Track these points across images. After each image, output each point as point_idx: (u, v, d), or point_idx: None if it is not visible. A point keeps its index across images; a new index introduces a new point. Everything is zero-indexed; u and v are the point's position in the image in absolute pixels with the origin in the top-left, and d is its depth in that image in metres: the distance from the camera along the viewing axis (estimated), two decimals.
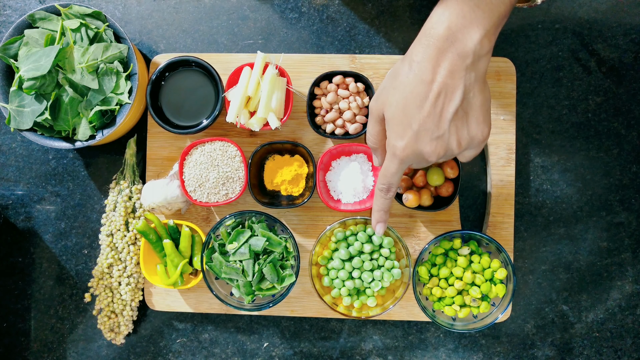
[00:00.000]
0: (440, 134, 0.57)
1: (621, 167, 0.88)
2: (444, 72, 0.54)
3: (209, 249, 0.83)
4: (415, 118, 0.56)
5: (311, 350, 0.89)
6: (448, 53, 0.54)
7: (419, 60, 0.55)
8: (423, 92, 0.55)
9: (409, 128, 0.57)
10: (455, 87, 0.55)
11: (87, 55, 0.79)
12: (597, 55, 0.88)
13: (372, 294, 0.83)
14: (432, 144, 0.57)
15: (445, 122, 0.56)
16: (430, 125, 0.56)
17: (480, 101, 0.57)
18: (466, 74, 0.55)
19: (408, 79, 0.56)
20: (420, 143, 0.57)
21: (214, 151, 0.84)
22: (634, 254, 0.88)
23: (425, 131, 0.56)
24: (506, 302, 0.82)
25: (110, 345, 0.91)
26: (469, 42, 0.54)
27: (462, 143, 0.58)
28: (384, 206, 0.68)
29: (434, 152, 0.58)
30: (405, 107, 0.57)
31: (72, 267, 0.91)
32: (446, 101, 0.55)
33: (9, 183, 0.91)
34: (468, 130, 0.58)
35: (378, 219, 0.70)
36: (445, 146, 0.58)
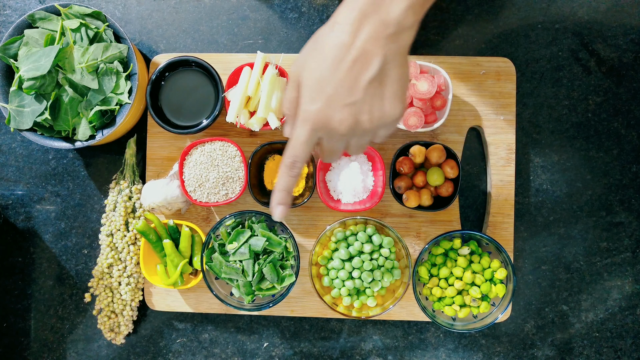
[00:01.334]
0: (353, 101, 0.54)
1: (621, 167, 0.88)
2: (365, 36, 0.52)
3: (209, 249, 0.83)
4: (329, 81, 0.54)
5: (311, 350, 0.89)
6: (371, 18, 0.52)
7: (341, 22, 0.53)
8: (340, 55, 0.53)
9: (322, 92, 0.54)
10: (374, 54, 0.53)
11: (87, 55, 0.79)
12: (597, 55, 0.88)
13: (372, 294, 0.83)
14: (343, 110, 0.54)
15: (360, 89, 0.53)
16: (344, 90, 0.53)
17: (397, 75, 0.54)
18: (387, 43, 0.53)
19: (327, 40, 0.54)
20: (331, 108, 0.54)
21: (214, 151, 0.84)
22: (634, 254, 0.88)
23: (338, 95, 0.54)
24: (506, 302, 0.82)
25: (110, 345, 0.91)
26: (393, 10, 0.52)
27: (375, 117, 0.55)
28: (288, 185, 0.60)
29: (344, 119, 0.54)
30: (320, 71, 0.54)
31: (72, 267, 0.91)
32: (363, 67, 0.53)
33: (9, 183, 0.91)
34: (382, 104, 0.55)
35: (279, 201, 0.61)
36: (356, 115, 0.54)
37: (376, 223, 0.83)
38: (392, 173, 0.85)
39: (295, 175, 0.59)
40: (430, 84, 0.80)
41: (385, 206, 0.88)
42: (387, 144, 0.87)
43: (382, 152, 0.87)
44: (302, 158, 0.58)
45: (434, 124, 0.84)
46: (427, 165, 0.85)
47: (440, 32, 0.89)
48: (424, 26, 0.89)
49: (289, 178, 0.59)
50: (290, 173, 0.59)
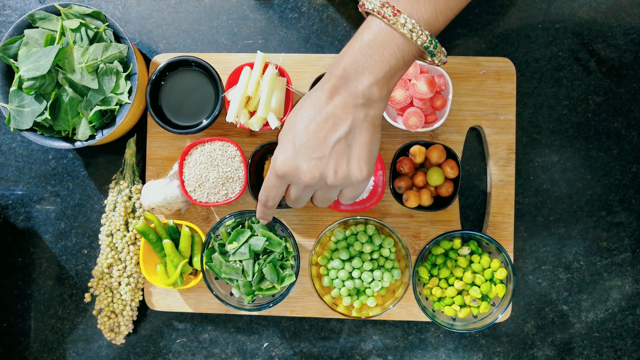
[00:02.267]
0: (319, 155, 0.60)
1: (621, 167, 0.88)
2: (336, 103, 0.60)
3: (209, 249, 0.83)
4: (300, 136, 0.61)
5: (311, 350, 0.89)
6: (342, 90, 0.59)
7: (317, 90, 0.61)
8: (312, 115, 0.60)
9: (292, 144, 0.61)
10: (343, 118, 0.59)
11: (86, 55, 0.79)
12: (597, 55, 0.88)
13: (372, 294, 0.83)
14: (309, 162, 0.60)
15: (327, 146, 0.60)
16: (312, 145, 0.60)
17: (365, 140, 0.61)
18: (355, 110, 0.59)
19: (304, 104, 0.62)
20: (299, 159, 0.61)
21: (214, 151, 0.84)
22: (634, 254, 0.88)
23: (306, 149, 0.60)
24: (506, 302, 0.82)
25: (110, 345, 0.91)
26: (359, 85, 0.59)
27: (339, 174, 0.61)
28: (265, 215, 0.72)
29: (309, 171, 0.61)
30: (294, 126, 0.61)
31: (72, 267, 0.91)
32: (332, 127, 0.60)
33: (9, 183, 0.91)
34: (348, 164, 0.61)
35: (261, 217, 0.74)
36: (322, 169, 0.61)
37: (376, 223, 0.83)
38: (392, 173, 0.85)
39: (270, 207, 0.69)
40: (430, 84, 0.80)
41: (385, 206, 0.88)
42: (387, 144, 0.87)
43: (382, 152, 0.87)
44: (273, 198, 0.67)
45: (434, 124, 0.83)
46: (427, 165, 0.85)
47: (440, 32, 0.88)
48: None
49: (265, 209, 0.70)
50: (266, 207, 0.69)
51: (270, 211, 0.71)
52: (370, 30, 0.59)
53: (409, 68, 0.80)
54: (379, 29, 0.59)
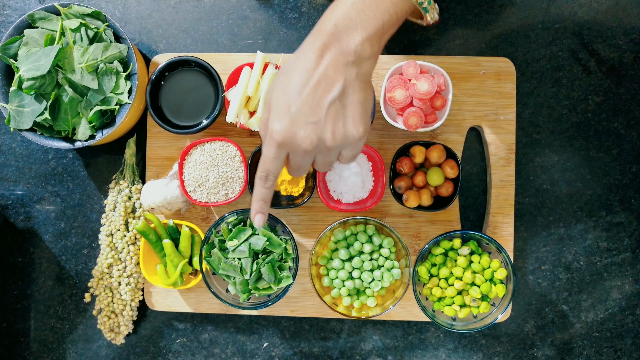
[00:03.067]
0: (315, 120, 0.58)
1: (621, 167, 0.88)
2: (327, 63, 0.58)
3: (209, 244, 0.83)
4: (294, 102, 0.58)
5: (311, 350, 0.89)
6: (332, 47, 0.58)
7: (306, 50, 0.59)
8: (305, 79, 0.58)
9: (287, 112, 0.59)
10: (335, 79, 0.58)
11: (86, 55, 0.79)
12: (597, 55, 0.88)
13: (372, 294, 0.83)
14: (307, 128, 0.58)
15: (322, 109, 0.58)
16: (307, 110, 0.58)
17: (359, 99, 0.60)
18: (347, 69, 0.58)
19: (293, 66, 0.59)
20: (295, 126, 0.59)
21: (214, 151, 0.84)
22: (634, 254, 0.88)
23: (301, 115, 0.58)
24: (506, 302, 0.82)
25: (110, 345, 0.91)
26: (351, 41, 0.57)
27: (337, 135, 0.60)
28: (264, 196, 0.66)
29: (307, 137, 0.59)
30: (286, 92, 0.59)
31: (72, 267, 0.91)
32: (325, 90, 0.58)
33: (9, 183, 0.91)
34: (344, 124, 0.60)
35: (257, 210, 0.67)
36: (319, 133, 0.59)
37: (376, 223, 0.83)
38: (392, 173, 0.85)
39: (270, 186, 0.64)
40: (430, 84, 0.80)
41: (385, 206, 0.88)
42: (387, 144, 0.87)
43: (382, 152, 0.87)
44: (274, 172, 0.63)
45: (434, 124, 0.83)
46: (427, 165, 0.85)
47: (440, 32, 0.89)
48: (424, 26, 0.89)
49: (264, 189, 0.65)
50: (265, 185, 0.64)
51: (269, 192, 0.65)
52: None
53: (409, 68, 0.80)
54: None
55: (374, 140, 0.88)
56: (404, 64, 0.81)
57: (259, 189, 0.65)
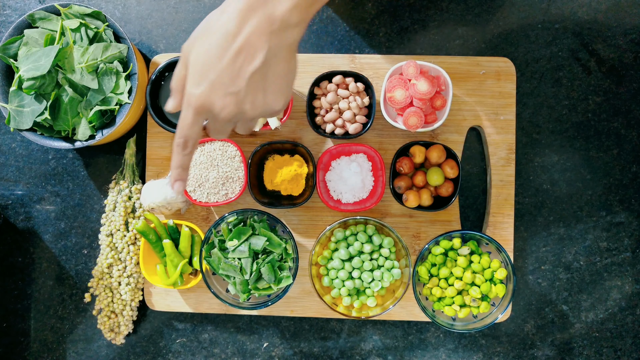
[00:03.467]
0: (235, 90, 0.56)
1: (621, 167, 0.88)
2: (250, 29, 0.54)
3: (209, 244, 0.83)
4: (213, 68, 0.55)
5: (311, 350, 0.89)
6: (258, 12, 0.54)
7: (229, 11, 0.55)
8: (225, 44, 0.55)
9: (206, 77, 0.56)
10: (258, 47, 0.55)
11: (86, 55, 0.79)
12: (597, 55, 0.88)
13: (372, 294, 0.83)
14: (225, 98, 0.56)
15: (243, 80, 0.55)
16: (227, 79, 0.55)
17: (282, 70, 0.57)
18: (271, 37, 0.55)
19: (215, 27, 0.56)
20: (214, 94, 0.56)
21: (214, 151, 0.84)
22: (633, 254, 0.88)
23: (220, 84, 0.56)
24: (506, 302, 0.82)
25: (110, 345, 0.91)
26: (278, 7, 0.54)
27: (256, 106, 0.57)
28: (183, 163, 0.62)
29: (226, 106, 0.56)
30: (206, 56, 0.56)
31: (72, 267, 0.91)
32: (247, 59, 0.55)
33: (9, 183, 0.91)
34: (264, 95, 0.57)
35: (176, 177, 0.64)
36: (238, 104, 0.56)
37: (376, 223, 0.83)
38: (392, 173, 0.85)
39: (189, 153, 0.61)
40: (430, 84, 0.80)
41: (385, 206, 0.88)
42: (387, 144, 0.87)
43: (382, 152, 0.87)
44: (193, 137, 0.59)
45: (434, 124, 0.83)
46: (427, 165, 0.85)
47: (440, 32, 0.89)
48: (424, 26, 0.89)
49: (182, 156, 0.61)
50: (184, 152, 0.61)
51: (188, 159, 0.62)
52: None
53: (409, 68, 0.80)
54: None
55: (374, 140, 0.88)
56: (404, 64, 0.81)
57: (177, 156, 0.61)
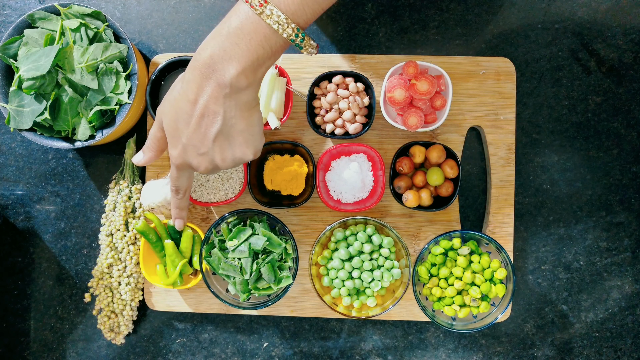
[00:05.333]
0: (204, 151, 0.63)
1: (621, 167, 0.88)
2: (206, 96, 0.60)
3: (209, 244, 0.83)
4: (183, 133, 0.63)
5: (311, 350, 0.89)
6: (210, 80, 0.59)
7: (188, 80, 0.61)
8: (189, 111, 0.61)
9: (179, 141, 0.64)
10: (216, 112, 0.60)
11: (86, 55, 0.79)
12: (597, 55, 0.88)
13: (371, 294, 0.83)
14: (198, 158, 0.64)
15: (209, 141, 0.62)
16: (196, 142, 0.62)
17: (242, 126, 0.62)
18: (225, 102, 0.60)
19: (178, 94, 0.62)
20: (187, 156, 0.64)
21: None
22: (633, 254, 0.88)
23: (192, 146, 0.63)
24: (506, 302, 0.82)
25: (110, 345, 0.91)
26: (226, 74, 0.59)
27: (227, 160, 0.64)
28: (180, 205, 0.75)
29: (200, 164, 0.64)
30: (176, 122, 0.63)
31: (72, 267, 0.91)
32: (209, 123, 0.61)
33: (9, 183, 0.91)
34: (232, 151, 0.63)
35: (176, 216, 0.77)
36: (210, 161, 0.64)
37: (376, 223, 0.83)
38: (392, 173, 0.85)
39: (182, 197, 0.74)
40: (430, 84, 0.80)
41: (385, 206, 0.88)
42: (387, 144, 0.87)
43: (382, 152, 0.87)
44: (183, 186, 0.72)
45: (434, 124, 0.83)
46: (427, 165, 0.85)
47: (440, 32, 0.89)
48: (423, 26, 0.89)
49: (178, 200, 0.74)
50: (177, 197, 0.74)
51: (183, 202, 0.75)
52: (238, 17, 0.58)
53: (409, 68, 0.80)
54: (246, 16, 0.58)
55: (374, 140, 0.88)
56: (404, 64, 0.81)
57: (174, 200, 0.74)
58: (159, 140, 0.69)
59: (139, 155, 0.72)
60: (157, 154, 0.71)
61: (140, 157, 0.72)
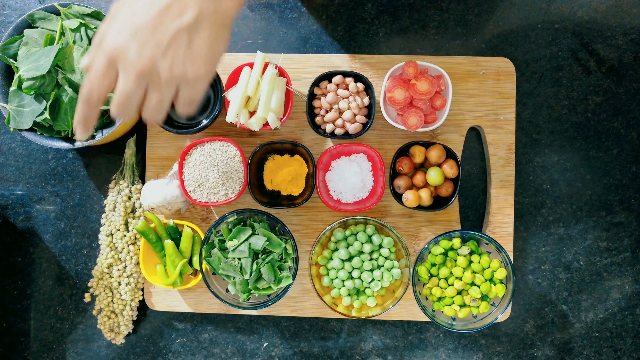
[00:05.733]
0: (156, 42, 0.52)
1: (621, 167, 0.88)
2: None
3: (209, 244, 0.83)
4: (138, 15, 0.52)
5: (311, 350, 0.89)
6: None
7: None
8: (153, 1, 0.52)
9: (128, 23, 0.52)
10: (189, 7, 0.52)
11: None
12: (597, 55, 0.88)
13: (371, 294, 0.83)
14: (144, 46, 0.52)
15: (166, 34, 0.52)
16: (150, 28, 0.52)
17: (209, 36, 0.53)
18: (205, 1, 0.52)
19: None
20: (133, 40, 0.52)
21: (214, 151, 0.84)
22: (633, 254, 0.88)
23: (142, 31, 0.52)
24: (506, 302, 0.82)
25: (110, 345, 0.91)
26: None
27: (174, 68, 0.53)
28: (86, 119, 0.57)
29: (142, 56, 0.52)
30: (132, 8, 0.53)
31: (72, 267, 0.91)
32: (175, 14, 0.52)
33: (9, 183, 0.91)
34: (184, 58, 0.53)
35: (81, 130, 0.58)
36: (156, 58, 0.52)
37: (376, 223, 0.83)
38: (392, 173, 0.85)
39: (95, 105, 0.56)
40: (430, 84, 0.80)
41: (385, 206, 0.88)
42: (387, 144, 0.87)
43: (382, 152, 0.87)
44: (99, 89, 0.54)
45: (434, 124, 0.83)
46: (427, 165, 0.85)
47: (440, 32, 0.89)
48: (423, 26, 0.89)
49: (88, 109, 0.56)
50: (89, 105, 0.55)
51: (94, 112, 0.56)
52: None
53: (409, 68, 0.80)
54: None
55: (374, 140, 0.88)
56: (404, 64, 0.81)
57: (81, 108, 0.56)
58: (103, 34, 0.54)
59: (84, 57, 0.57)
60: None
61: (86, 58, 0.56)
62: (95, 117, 0.57)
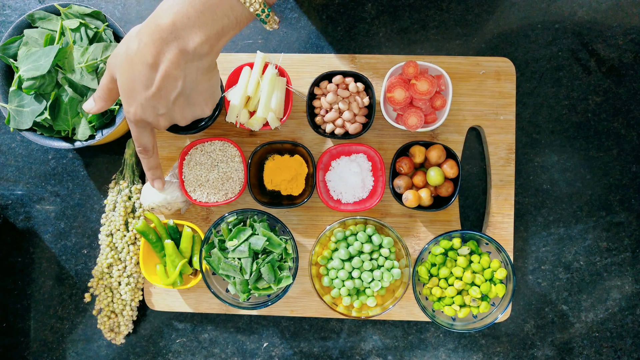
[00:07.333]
0: (163, 112, 0.64)
1: (621, 167, 0.88)
2: (167, 62, 0.59)
3: (209, 244, 0.83)
4: (141, 94, 0.62)
5: (311, 350, 0.89)
6: (171, 46, 0.59)
7: (146, 42, 0.59)
8: (148, 74, 0.60)
9: (136, 100, 0.63)
10: (177, 77, 0.60)
11: (86, 55, 0.79)
12: (597, 55, 0.88)
13: (371, 294, 0.83)
14: (157, 117, 0.64)
15: (168, 102, 0.63)
16: (155, 104, 0.62)
17: (202, 88, 0.64)
18: (187, 67, 0.60)
19: (136, 56, 0.60)
20: (145, 115, 0.64)
21: (214, 151, 0.84)
22: (633, 254, 0.88)
23: (150, 107, 0.63)
24: (506, 302, 0.82)
25: (110, 345, 0.91)
26: (190, 42, 0.59)
27: (186, 117, 0.66)
28: (151, 164, 0.74)
29: (159, 123, 0.65)
30: (132, 82, 0.62)
31: (72, 267, 0.91)
32: (170, 87, 0.61)
33: (9, 183, 0.91)
34: (192, 110, 0.65)
35: (152, 177, 0.77)
36: (169, 120, 0.65)
37: (376, 223, 0.83)
38: (392, 173, 0.85)
39: (151, 156, 0.72)
40: (430, 84, 0.80)
41: (385, 206, 0.88)
42: (387, 144, 0.87)
43: (382, 152, 0.87)
44: (146, 144, 0.70)
45: (434, 124, 0.83)
46: (427, 165, 0.85)
47: (440, 32, 0.89)
48: (423, 26, 0.89)
49: (148, 160, 0.73)
50: (147, 156, 0.72)
51: (154, 160, 0.74)
52: None
53: (409, 68, 0.80)
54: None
55: (373, 140, 0.88)
56: (404, 64, 0.81)
57: (144, 161, 0.73)
58: (110, 91, 0.68)
59: (89, 103, 0.70)
60: (108, 104, 0.70)
61: (92, 105, 0.70)
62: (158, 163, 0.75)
